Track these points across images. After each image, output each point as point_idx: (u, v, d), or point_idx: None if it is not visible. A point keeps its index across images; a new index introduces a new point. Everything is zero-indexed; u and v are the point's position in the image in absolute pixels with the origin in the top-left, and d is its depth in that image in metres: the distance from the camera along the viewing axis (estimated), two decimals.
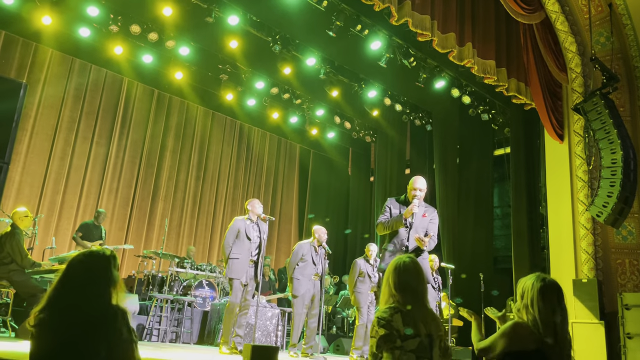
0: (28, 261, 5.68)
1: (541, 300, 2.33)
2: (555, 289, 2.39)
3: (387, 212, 4.66)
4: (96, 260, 2.15)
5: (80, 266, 2.12)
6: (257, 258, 5.87)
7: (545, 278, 2.40)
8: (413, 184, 4.67)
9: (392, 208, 4.66)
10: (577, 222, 7.66)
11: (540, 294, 2.33)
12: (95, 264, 2.13)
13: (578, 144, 7.88)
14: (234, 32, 8.52)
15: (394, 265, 2.56)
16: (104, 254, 2.19)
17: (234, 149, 12.46)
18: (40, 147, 9.43)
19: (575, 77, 8.03)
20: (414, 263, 2.57)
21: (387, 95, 10.41)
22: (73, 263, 2.14)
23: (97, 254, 2.17)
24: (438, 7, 7.19)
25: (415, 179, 4.70)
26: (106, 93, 10.41)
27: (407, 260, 2.56)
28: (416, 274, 2.53)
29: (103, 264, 2.15)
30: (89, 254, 2.17)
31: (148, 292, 8.09)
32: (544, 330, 2.29)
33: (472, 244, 10.29)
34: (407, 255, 2.65)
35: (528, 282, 2.42)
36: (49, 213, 9.38)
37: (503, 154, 11.04)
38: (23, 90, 2.89)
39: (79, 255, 2.18)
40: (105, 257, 2.17)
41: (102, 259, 2.16)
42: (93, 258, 2.15)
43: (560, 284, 2.51)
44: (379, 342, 2.35)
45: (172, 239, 10.96)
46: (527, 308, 2.35)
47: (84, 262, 2.13)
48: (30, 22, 8.27)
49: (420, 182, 4.66)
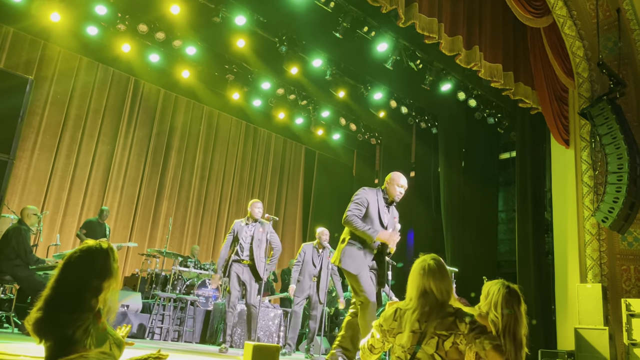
0: (32, 257, 5.72)
1: (504, 305, 2.51)
2: (517, 295, 2.56)
3: (364, 206, 4.21)
4: (96, 253, 2.09)
5: (79, 261, 2.07)
6: (249, 258, 5.89)
7: (509, 285, 2.59)
8: (399, 181, 4.35)
9: (370, 202, 4.24)
10: (583, 227, 7.62)
11: (504, 300, 2.51)
12: (96, 258, 2.08)
13: (584, 149, 7.84)
14: (240, 32, 8.54)
15: (420, 267, 2.49)
16: (101, 246, 2.13)
17: (239, 149, 12.48)
18: (47, 144, 9.47)
19: (582, 81, 8.00)
20: (440, 265, 2.50)
21: (392, 97, 10.40)
22: (71, 258, 2.09)
23: (95, 248, 2.11)
24: (445, 9, 7.18)
25: (401, 177, 4.40)
26: (113, 91, 10.45)
27: (432, 263, 2.48)
28: (442, 277, 2.46)
29: (103, 256, 2.10)
30: (88, 249, 2.11)
31: (151, 291, 8.11)
32: (503, 331, 2.47)
33: (476, 247, 10.25)
34: (432, 256, 2.53)
35: (494, 287, 2.59)
36: (54, 210, 9.42)
37: (509, 157, 11.01)
38: (29, 86, 2.90)
39: (77, 250, 2.12)
40: (104, 250, 2.12)
41: (101, 252, 2.11)
42: (93, 252, 2.10)
43: (565, 289, 2.69)
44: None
45: (176, 238, 10.99)
46: (491, 309, 2.53)
47: (83, 257, 2.08)
48: (39, 19, 8.32)
49: (406, 181, 4.42)
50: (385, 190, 4.40)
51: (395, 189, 4.33)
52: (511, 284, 2.61)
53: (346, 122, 11.73)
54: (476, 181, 10.71)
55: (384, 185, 4.43)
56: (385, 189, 4.41)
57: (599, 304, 6.81)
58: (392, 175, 4.42)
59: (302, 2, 7.38)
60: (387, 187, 4.38)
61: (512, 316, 2.50)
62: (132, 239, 10.10)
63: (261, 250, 5.94)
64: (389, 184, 4.38)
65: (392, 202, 4.40)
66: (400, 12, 6.56)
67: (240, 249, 5.91)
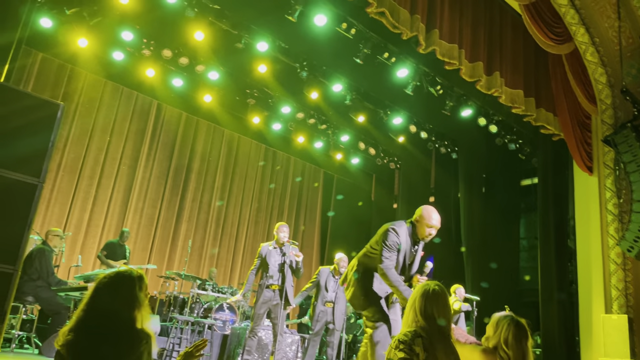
0: (54, 278, 5.78)
1: (514, 341, 2.62)
2: (525, 331, 2.66)
3: (396, 251, 3.81)
4: (123, 281, 2.15)
5: (107, 287, 2.11)
6: (279, 283, 5.86)
7: (518, 320, 2.69)
8: (430, 220, 3.86)
9: (402, 247, 3.84)
10: (607, 256, 7.46)
11: (514, 336, 2.62)
12: (122, 286, 2.13)
13: (608, 176, 7.72)
14: (262, 57, 8.67)
15: (422, 291, 2.50)
16: (130, 274, 2.18)
17: (258, 172, 12.56)
18: (71, 166, 9.65)
19: (605, 108, 7.92)
20: (442, 291, 2.52)
21: (412, 122, 10.39)
22: (100, 284, 2.14)
23: (124, 275, 2.16)
24: (466, 36, 7.22)
25: (432, 215, 3.89)
26: (136, 115, 10.65)
27: (437, 288, 2.50)
28: (444, 303, 2.48)
29: (130, 285, 2.15)
30: (116, 275, 2.16)
31: (169, 313, 8.10)
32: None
33: (497, 275, 10.07)
34: (436, 282, 2.54)
35: (503, 322, 2.69)
36: (76, 231, 9.54)
37: (530, 184, 10.88)
38: (60, 112, 2.98)
39: (106, 276, 2.17)
40: (132, 279, 2.17)
41: (129, 280, 2.16)
42: (120, 279, 2.15)
43: (589, 320, 2.81)
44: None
45: (194, 260, 11.02)
46: (501, 345, 2.63)
47: (111, 284, 2.13)
48: (67, 45, 8.55)
49: (438, 220, 3.90)
50: (414, 225, 3.94)
51: (425, 230, 3.87)
52: (519, 319, 2.71)
53: (365, 146, 11.75)
54: (497, 208, 10.57)
55: (414, 217, 3.97)
56: (413, 224, 3.95)
57: (625, 336, 6.62)
58: (423, 212, 3.92)
59: (323, 28, 7.48)
60: (417, 224, 3.92)
61: (520, 352, 2.60)
62: (151, 261, 10.16)
63: (290, 274, 5.92)
64: (418, 221, 3.91)
65: (419, 242, 3.99)
66: (420, 39, 6.61)
67: (269, 274, 5.86)
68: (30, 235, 6.96)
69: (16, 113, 2.95)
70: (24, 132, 2.95)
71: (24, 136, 2.97)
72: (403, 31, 6.46)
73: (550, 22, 7.61)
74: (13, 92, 3.08)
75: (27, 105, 3.03)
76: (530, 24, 7.37)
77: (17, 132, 2.95)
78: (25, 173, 2.98)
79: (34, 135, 3.00)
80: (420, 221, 3.90)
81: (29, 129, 2.97)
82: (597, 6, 7.68)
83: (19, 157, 2.96)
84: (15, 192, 2.93)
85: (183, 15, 7.55)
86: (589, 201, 7.93)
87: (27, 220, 2.94)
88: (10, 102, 2.96)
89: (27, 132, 2.95)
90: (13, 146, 2.94)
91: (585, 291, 7.63)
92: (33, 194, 2.97)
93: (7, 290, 2.80)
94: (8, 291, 2.80)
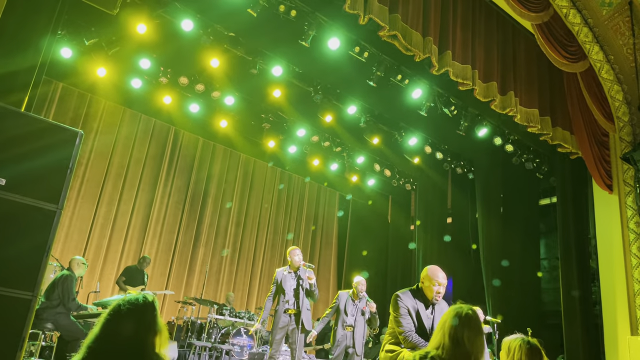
0: (75, 304, 5.83)
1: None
2: (538, 351, 2.64)
3: (407, 314, 3.77)
4: (137, 307, 2.12)
5: (121, 314, 2.09)
6: (295, 307, 5.82)
7: (530, 341, 2.67)
8: (433, 279, 3.83)
9: (411, 309, 3.80)
10: (631, 276, 7.29)
11: (526, 357, 2.62)
12: (137, 312, 2.11)
13: (629, 194, 7.59)
14: (277, 82, 8.78)
15: (455, 313, 2.39)
16: (145, 300, 2.15)
17: (274, 195, 12.60)
18: (90, 193, 9.79)
19: (622, 125, 7.84)
20: (476, 316, 2.40)
21: (427, 143, 10.38)
22: (113, 310, 2.11)
23: (138, 301, 2.14)
24: (479, 56, 7.22)
25: (435, 274, 3.86)
26: (154, 141, 10.81)
27: (470, 312, 2.38)
28: (477, 329, 2.36)
29: (144, 311, 2.13)
30: (129, 301, 2.13)
31: (187, 339, 8.08)
32: None
33: (517, 297, 9.86)
34: (469, 306, 2.43)
35: (514, 344, 2.68)
36: (95, 257, 9.62)
37: (549, 203, 10.72)
38: (79, 139, 3.03)
39: (120, 302, 2.14)
40: (148, 304, 2.15)
41: (144, 307, 2.13)
42: (134, 305, 2.13)
43: (614, 342, 2.76)
44: None
45: (211, 285, 11.01)
46: None
47: (125, 310, 2.10)
48: (87, 74, 8.77)
49: (444, 276, 3.88)
50: (419, 288, 3.92)
51: (431, 290, 3.83)
52: (531, 339, 2.69)
53: (381, 168, 11.73)
54: (516, 228, 10.41)
55: (421, 283, 3.95)
56: (419, 287, 3.93)
57: None
58: (426, 272, 3.92)
59: (336, 52, 7.56)
60: (423, 286, 3.90)
61: None
62: (169, 286, 10.18)
63: (305, 298, 5.88)
64: (423, 284, 3.90)
65: (430, 305, 3.90)
66: (433, 60, 6.63)
67: (286, 299, 5.84)
68: (49, 262, 7.06)
69: (36, 140, 3.01)
70: (43, 159, 3.01)
71: (43, 163, 3.03)
72: (416, 53, 6.49)
73: (564, 40, 7.60)
74: (33, 120, 3.15)
75: (46, 133, 3.09)
76: (543, 43, 7.37)
77: (36, 159, 3.01)
78: (44, 200, 3.02)
79: (53, 162, 3.05)
80: (426, 282, 3.89)
81: (48, 156, 3.03)
82: (610, 24, 7.67)
83: (37, 183, 3.01)
84: (34, 218, 2.97)
85: (199, 43, 7.71)
86: (610, 220, 7.79)
87: (46, 246, 2.97)
88: (30, 130, 3.03)
89: (46, 159, 3.01)
90: (32, 173, 2.99)
91: (610, 312, 7.44)
92: (52, 221, 3.01)
93: (26, 316, 2.81)
94: (27, 317, 2.81)
